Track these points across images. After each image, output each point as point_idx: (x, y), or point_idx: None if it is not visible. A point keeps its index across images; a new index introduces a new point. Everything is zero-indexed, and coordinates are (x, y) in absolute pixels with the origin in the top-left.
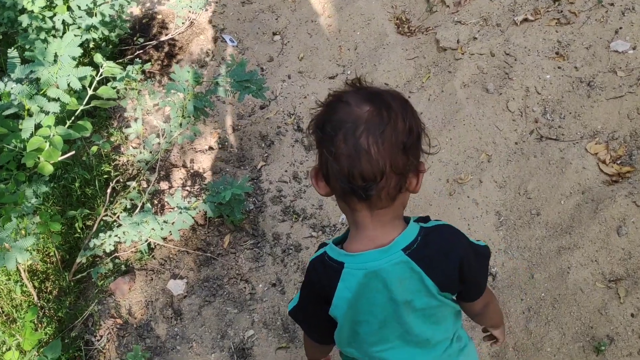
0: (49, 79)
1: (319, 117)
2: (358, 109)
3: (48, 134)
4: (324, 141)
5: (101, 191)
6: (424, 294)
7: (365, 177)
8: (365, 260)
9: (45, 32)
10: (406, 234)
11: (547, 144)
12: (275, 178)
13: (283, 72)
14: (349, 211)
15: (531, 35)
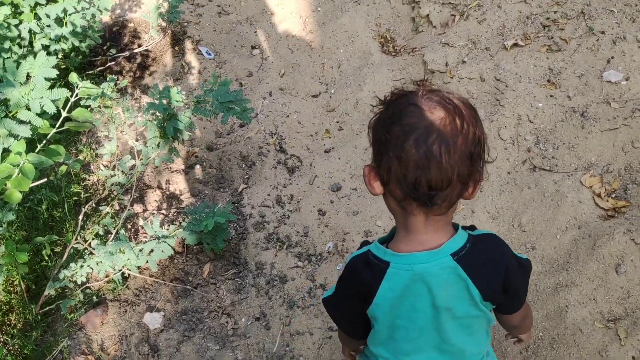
0: (20, 100)
1: (384, 117)
2: (431, 114)
3: (18, 161)
4: (391, 144)
5: (70, 214)
6: (466, 302)
7: (433, 185)
8: (413, 261)
9: (10, 40)
10: (455, 240)
11: (540, 175)
12: (258, 202)
13: (263, 89)
14: (402, 214)
15: (522, 61)
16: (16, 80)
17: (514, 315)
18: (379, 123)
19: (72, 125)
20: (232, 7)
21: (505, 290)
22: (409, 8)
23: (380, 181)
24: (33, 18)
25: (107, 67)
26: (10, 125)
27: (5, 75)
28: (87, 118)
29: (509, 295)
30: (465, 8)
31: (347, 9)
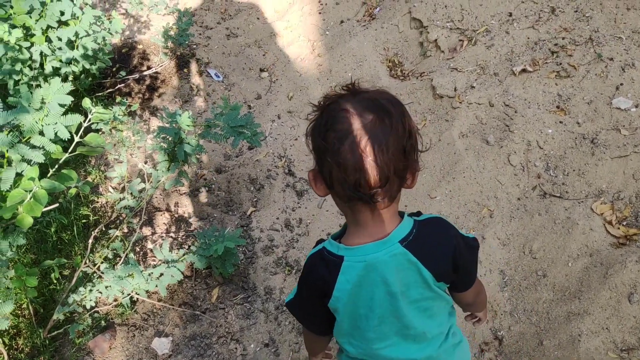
0: (34, 126)
1: (319, 124)
2: (361, 118)
3: (31, 187)
4: (328, 151)
5: (79, 237)
6: (420, 285)
7: (372, 185)
8: (364, 252)
9: (21, 62)
10: (402, 227)
11: (551, 202)
12: (267, 226)
13: (272, 112)
14: (350, 212)
15: (530, 87)
16: (31, 106)
17: (467, 293)
18: (315, 130)
19: (84, 150)
20: (240, 29)
21: (456, 268)
22: (416, 33)
23: (325, 184)
24: (45, 41)
25: (116, 88)
26: (24, 151)
27: (20, 101)
28: (100, 143)
29: (460, 273)
30: (473, 33)
31: (355, 33)
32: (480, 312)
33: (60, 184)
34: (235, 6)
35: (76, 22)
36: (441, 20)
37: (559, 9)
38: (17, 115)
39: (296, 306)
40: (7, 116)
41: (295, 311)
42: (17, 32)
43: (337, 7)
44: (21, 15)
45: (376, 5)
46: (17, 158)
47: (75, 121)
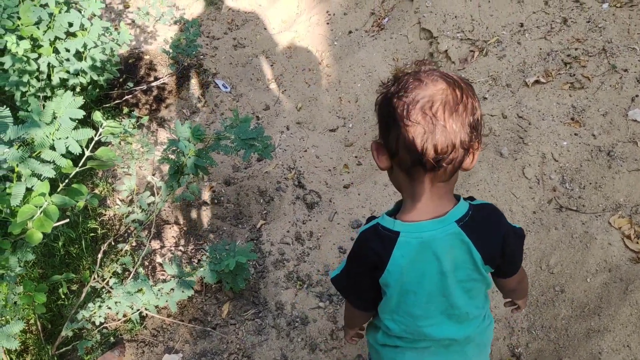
0: (45, 140)
1: (390, 93)
2: (433, 86)
3: (42, 202)
4: (398, 114)
5: (87, 251)
6: (469, 265)
7: (439, 149)
8: (421, 229)
9: (28, 74)
10: (459, 208)
11: (567, 215)
12: (277, 239)
13: (281, 123)
14: (408, 183)
15: (544, 98)
16: (42, 120)
17: (511, 279)
18: (386, 99)
19: (95, 164)
20: (247, 40)
21: (503, 254)
22: (426, 43)
23: (388, 154)
24: (52, 52)
25: (123, 100)
26: (34, 166)
27: (31, 115)
28: (111, 157)
29: (507, 260)
30: (484, 44)
31: (364, 43)
32: (521, 300)
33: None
34: (242, 16)
35: (84, 34)
36: (451, 31)
37: (571, 20)
38: (27, 130)
39: (343, 281)
40: (18, 130)
41: (342, 285)
42: (24, 44)
43: (345, 18)
44: (29, 27)
45: (385, 16)
46: (28, 173)
47: (87, 135)
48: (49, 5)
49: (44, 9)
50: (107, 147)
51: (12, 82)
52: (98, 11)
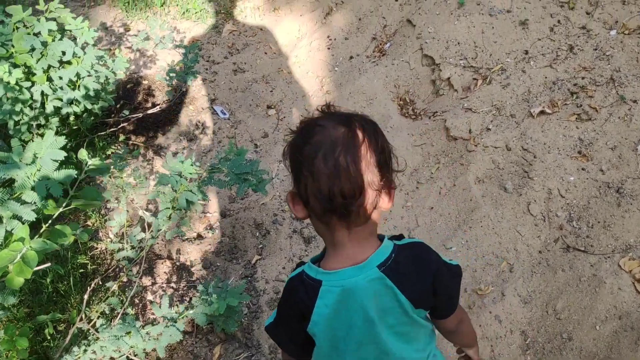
0: (26, 182)
1: (296, 141)
2: (334, 130)
3: (20, 248)
4: (303, 163)
5: (75, 288)
6: (397, 311)
7: (346, 194)
8: (342, 277)
9: (21, 103)
10: (381, 251)
11: (575, 256)
12: (272, 276)
13: (279, 151)
14: (327, 231)
15: (550, 130)
16: (22, 161)
17: (449, 320)
18: (292, 147)
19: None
20: (247, 64)
21: (435, 293)
22: (428, 70)
23: (302, 203)
24: (46, 80)
25: (119, 127)
26: (15, 208)
27: (11, 156)
28: (95, 197)
29: (440, 300)
30: (488, 72)
31: (364, 69)
32: (470, 350)
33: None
34: (243, 40)
35: (78, 61)
36: (454, 58)
37: (577, 47)
38: (7, 172)
39: (275, 329)
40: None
41: (275, 335)
42: (17, 73)
43: (346, 42)
44: (22, 54)
45: (387, 41)
46: (8, 215)
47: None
48: (42, 34)
49: (36, 37)
50: (93, 187)
51: (4, 110)
52: (91, 40)
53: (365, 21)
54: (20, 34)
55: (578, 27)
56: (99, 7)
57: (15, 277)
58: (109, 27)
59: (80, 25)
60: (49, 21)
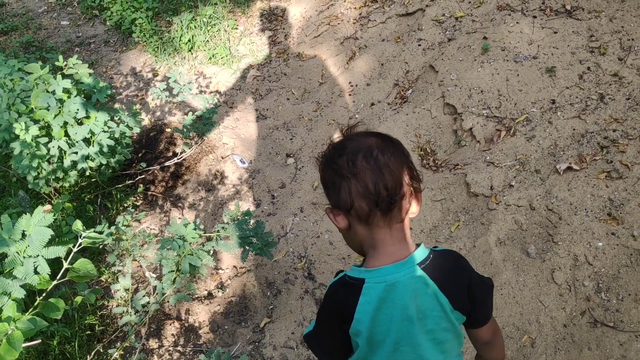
0: (15, 258)
1: (329, 157)
2: (366, 139)
3: (6, 329)
4: (344, 169)
5: (81, 350)
6: (436, 312)
7: (389, 187)
8: (384, 273)
9: (39, 158)
10: (420, 251)
11: (603, 333)
12: (280, 342)
13: (295, 204)
14: (368, 233)
15: (577, 188)
16: (11, 238)
17: (484, 329)
18: (327, 163)
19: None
20: (269, 111)
21: (472, 298)
22: (450, 119)
23: (343, 212)
24: (64, 135)
25: (137, 179)
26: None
27: (0, 234)
28: (89, 270)
29: (476, 306)
30: (512, 122)
31: (385, 117)
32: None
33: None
34: (267, 85)
35: (93, 118)
36: (477, 107)
37: (608, 96)
38: None
39: (314, 337)
40: None
41: (314, 343)
42: (34, 130)
43: (368, 89)
44: (41, 110)
45: (409, 87)
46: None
47: (59, 252)
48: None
49: (52, 95)
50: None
51: (23, 166)
52: (104, 98)
53: (387, 66)
54: (37, 91)
55: (609, 74)
56: (130, 51)
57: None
58: (138, 72)
59: (94, 83)
60: (65, 79)
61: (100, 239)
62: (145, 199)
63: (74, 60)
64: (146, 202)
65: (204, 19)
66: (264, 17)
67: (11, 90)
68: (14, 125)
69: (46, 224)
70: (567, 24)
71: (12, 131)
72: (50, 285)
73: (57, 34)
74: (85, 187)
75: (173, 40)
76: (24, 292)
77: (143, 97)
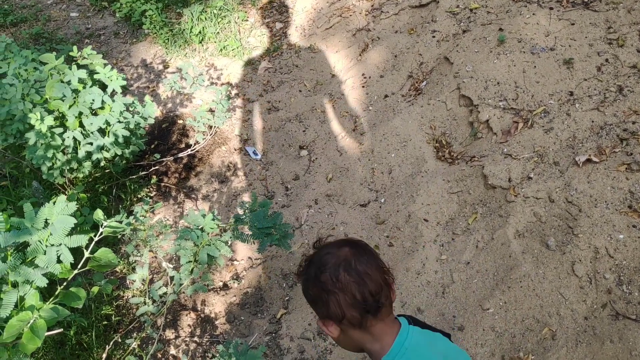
0: (38, 247)
1: (310, 276)
2: (341, 251)
3: (29, 318)
4: (329, 285)
5: (98, 340)
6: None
7: (374, 292)
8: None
9: (54, 149)
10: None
11: (625, 326)
12: (297, 333)
13: (309, 195)
14: (365, 334)
15: (597, 181)
16: (34, 227)
17: None
18: (309, 282)
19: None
20: (282, 103)
21: None
22: (466, 111)
23: (335, 322)
24: (78, 125)
25: (151, 171)
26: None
27: (23, 222)
28: (110, 259)
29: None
30: (529, 114)
31: (399, 109)
32: None
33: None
34: (278, 77)
35: (108, 108)
36: (493, 99)
37: (627, 88)
38: (18, 238)
39: None
40: (9, 238)
41: None
42: (49, 120)
43: (382, 81)
44: (55, 101)
45: (423, 79)
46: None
47: (81, 242)
48: (72, 82)
49: (67, 85)
50: (108, 249)
51: (38, 156)
52: (119, 88)
53: (401, 58)
54: (52, 82)
55: (628, 66)
56: (141, 43)
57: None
58: (148, 64)
59: (109, 74)
60: (80, 69)
61: (121, 228)
62: (159, 190)
63: (88, 50)
64: (159, 194)
65: (214, 11)
66: (275, 8)
67: (25, 81)
68: (28, 115)
69: (69, 212)
70: (585, 15)
71: (27, 121)
72: (71, 275)
73: (66, 26)
74: (99, 178)
75: (183, 32)
76: (46, 280)
77: (154, 88)
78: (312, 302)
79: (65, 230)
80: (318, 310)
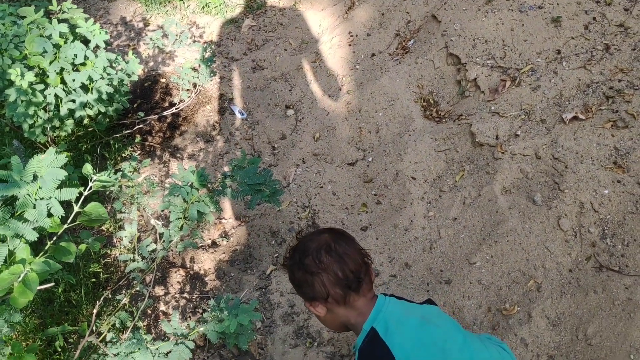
0: (27, 200)
1: (295, 261)
2: (320, 236)
3: (21, 270)
4: (312, 268)
5: (87, 297)
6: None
7: (354, 270)
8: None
9: (35, 106)
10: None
11: (608, 277)
12: (287, 288)
13: (297, 155)
14: (350, 309)
15: (583, 137)
16: (22, 180)
17: None
18: (294, 267)
19: (84, 220)
20: (267, 62)
21: None
22: (454, 69)
23: (321, 302)
24: (60, 82)
25: (135, 129)
26: (16, 227)
27: (11, 175)
28: (101, 213)
29: None
30: (516, 72)
31: (387, 68)
32: None
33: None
34: (262, 36)
35: (91, 65)
36: (481, 57)
37: (614, 47)
38: (7, 191)
39: None
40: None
41: None
42: (29, 76)
43: (368, 39)
44: (36, 57)
45: (410, 38)
46: (10, 234)
47: (71, 195)
48: (53, 36)
49: (48, 39)
50: (98, 204)
51: (19, 114)
52: (102, 43)
53: (388, 16)
54: (32, 36)
55: (615, 24)
56: (119, 0)
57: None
58: (128, 21)
59: (92, 28)
60: (60, 23)
61: (111, 182)
62: (143, 149)
63: (68, 4)
64: (144, 153)
65: None
66: None
67: (3, 35)
68: (8, 71)
69: (59, 165)
70: None
71: (6, 78)
72: (61, 229)
73: None
74: (82, 137)
75: None
76: (36, 234)
77: (135, 47)
78: (298, 287)
79: (55, 182)
80: (304, 293)
